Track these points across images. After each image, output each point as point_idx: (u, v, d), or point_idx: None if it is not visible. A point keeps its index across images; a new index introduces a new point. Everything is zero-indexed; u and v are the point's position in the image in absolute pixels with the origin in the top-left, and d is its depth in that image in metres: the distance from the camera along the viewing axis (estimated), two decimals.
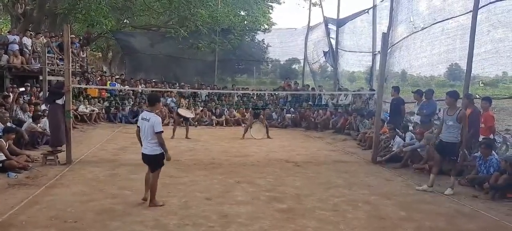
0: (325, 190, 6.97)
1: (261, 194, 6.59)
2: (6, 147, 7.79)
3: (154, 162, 5.80)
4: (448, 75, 12.25)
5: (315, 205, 6.08)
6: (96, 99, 16.66)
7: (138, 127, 5.90)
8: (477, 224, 5.47)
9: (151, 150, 5.72)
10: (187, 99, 14.00)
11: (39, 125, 10.47)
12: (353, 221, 5.47)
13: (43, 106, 12.02)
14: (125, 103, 16.99)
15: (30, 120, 10.62)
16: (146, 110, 5.93)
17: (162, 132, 5.73)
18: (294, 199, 6.40)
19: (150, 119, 5.68)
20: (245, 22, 24.02)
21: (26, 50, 15.37)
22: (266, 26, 25.56)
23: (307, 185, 7.28)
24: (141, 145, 5.89)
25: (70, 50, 15.20)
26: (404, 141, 9.67)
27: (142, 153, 5.84)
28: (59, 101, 8.75)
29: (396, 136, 9.93)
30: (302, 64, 23.05)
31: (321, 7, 20.72)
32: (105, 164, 8.54)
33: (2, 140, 7.78)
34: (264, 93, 19.58)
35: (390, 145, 10.12)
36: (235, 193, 6.64)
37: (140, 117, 5.92)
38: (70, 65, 9.19)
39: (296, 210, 5.89)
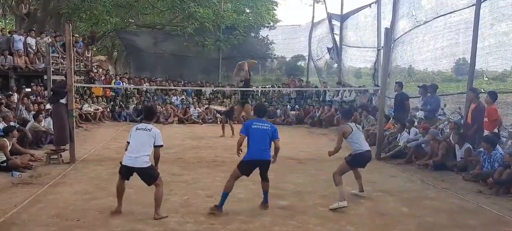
0: (327, 186, 6.92)
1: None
2: (10, 147, 7.85)
3: (149, 174, 5.34)
4: (455, 70, 12.12)
5: (317, 202, 6.06)
6: (101, 98, 16.73)
7: (128, 142, 5.42)
8: (480, 220, 5.42)
9: (143, 162, 5.24)
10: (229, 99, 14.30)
11: (41, 123, 10.53)
12: (355, 218, 5.45)
13: (47, 106, 12.09)
14: (130, 102, 17.05)
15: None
16: (144, 122, 5.56)
17: (162, 146, 5.45)
18: (295, 196, 6.40)
19: (151, 129, 5.37)
20: (250, 19, 23.96)
21: (31, 50, 15.47)
22: (270, 23, 25.48)
23: (309, 182, 7.27)
24: None
25: (75, 49, 15.50)
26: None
27: (128, 166, 5.27)
28: (63, 101, 8.79)
29: (404, 130, 9.90)
30: (307, 61, 22.99)
31: (325, 3, 20.64)
32: (108, 163, 8.57)
33: (6, 140, 7.83)
34: (269, 90, 19.53)
35: (397, 139, 10.07)
36: (236, 190, 6.57)
37: (134, 129, 5.46)
38: (73, 64, 9.24)
39: (297, 207, 5.88)
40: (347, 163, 6.04)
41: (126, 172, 5.35)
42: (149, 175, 5.34)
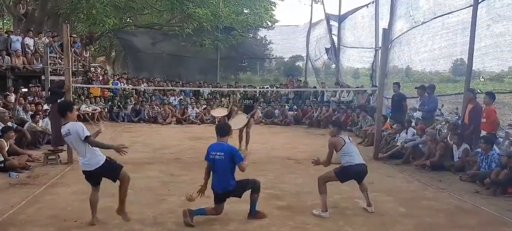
0: None
1: (261, 192, 6.55)
2: (7, 147, 7.84)
3: (108, 170, 4.98)
4: (453, 71, 12.20)
5: (315, 202, 6.04)
6: (99, 99, 16.71)
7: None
8: (477, 220, 5.45)
9: (96, 162, 4.88)
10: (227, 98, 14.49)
11: (39, 124, 10.51)
12: (353, 218, 5.46)
13: (45, 106, 12.07)
14: (128, 102, 17.03)
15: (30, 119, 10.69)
16: (63, 124, 4.97)
17: (90, 136, 4.82)
18: (294, 197, 6.41)
19: (70, 130, 4.81)
20: (248, 19, 23.98)
21: (28, 50, 15.44)
22: (269, 23, 25.53)
23: (307, 182, 7.24)
24: None
25: (72, 49, 15.48)
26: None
27: (85, 171, 4.96)
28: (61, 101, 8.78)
29: (402, 131, 9.93)
30: (305, 62, 23.01)
31: (323, 3, 20.72)
32: None
33: (3, 140, 7.81)
34: (267, 91, 19.52)
35: (395, 139, 10.10)
36: None
37: (64, 137, 4.99)
38: (71, 65, 9.23)
39: (295, 207, 5.89)
40: (335, 174, 5.59)
41: (88, 177, 5.03)
42: (109, 171, 4.96)
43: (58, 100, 8.78)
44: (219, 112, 12.95)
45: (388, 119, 11.37)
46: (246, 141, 10.20)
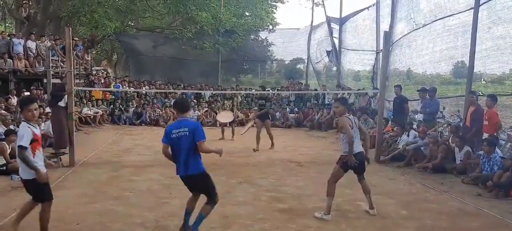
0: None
1: (262, 195, 6.59)
2: (9, 150, 7.85)
3: (36, 190, 4.46)
4: (454, 73, 12.21)
5: (317, 205, 6.05)
6: (101, 101, 16.74)
7: None
8: (479, 223, 5.44)
9: (27, 173, 4.35)
10: (230, 100, 14.81)
11: (41, 126, 10.52)
12: (355, 221, 5.45)
13: (47, 109, 12.09)
14: (129, 105, 17.05)
15: None
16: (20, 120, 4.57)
17: (26, 148, 4.21)
18: (295, 199, 6.40)
19: (18, 131, 4.38)
20: (249, 22, 24.03)
21: (31, 53, 15.48)
22: (270, 26, 25.57)
23: (309, 185, 7.27)
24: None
25: (74, 52, 15.52)
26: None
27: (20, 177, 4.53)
28: (62, 104, 8.80)
29: (404, 133, 9.93)
30: (306, 64, 23.04)
31: (324, 6, 20.74)
32: (107, 166, 8.57)
33: (4, 143, 7.83)
34: (268, 93, 19.47)
35: (397, 142, 10.09)
36: (236, 193, 6.64)
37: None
38: (73, 68, 9.25)
39: (297, 210, 5.88)
40: (340, 167, 5.59)
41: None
42: (36, 190, 4.45)
43: (59, 103, 8.80)
44: (224, 117, 12.95)
45: (390, 121, 11.37)
46: (271, 140, 11.16)
